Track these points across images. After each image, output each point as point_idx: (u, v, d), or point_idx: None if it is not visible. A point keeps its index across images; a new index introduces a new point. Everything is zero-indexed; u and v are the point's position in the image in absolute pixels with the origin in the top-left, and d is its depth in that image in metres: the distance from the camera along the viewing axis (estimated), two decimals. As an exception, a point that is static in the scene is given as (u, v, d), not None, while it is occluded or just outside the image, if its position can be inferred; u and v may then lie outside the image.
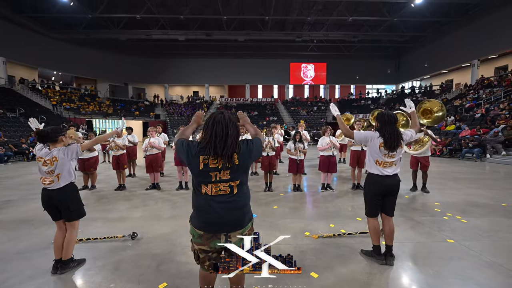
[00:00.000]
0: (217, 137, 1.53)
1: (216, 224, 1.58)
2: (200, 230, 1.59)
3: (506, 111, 12.82)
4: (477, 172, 8.11)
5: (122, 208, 4.63)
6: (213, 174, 1.56)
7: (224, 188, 1.58)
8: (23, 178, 7.71)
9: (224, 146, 1.53)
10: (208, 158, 1.55)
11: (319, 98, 30.59)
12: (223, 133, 1.54)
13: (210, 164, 1.55)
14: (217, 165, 1.55)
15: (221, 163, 1.54)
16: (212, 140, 1.54)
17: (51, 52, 22.46)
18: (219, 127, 1.54)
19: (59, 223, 2.58)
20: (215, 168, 1.55)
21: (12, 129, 15.02)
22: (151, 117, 26.08)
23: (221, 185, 1.57)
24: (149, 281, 2.37)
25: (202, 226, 1.60)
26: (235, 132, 1.58)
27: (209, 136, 1.55)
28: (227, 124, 1.56)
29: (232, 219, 1.60)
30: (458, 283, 2.31)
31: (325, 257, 2.75)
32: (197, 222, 1.61)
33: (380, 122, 2.57)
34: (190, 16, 19.75)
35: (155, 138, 6.00)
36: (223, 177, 1.57)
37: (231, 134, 1.55)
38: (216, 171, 1.55)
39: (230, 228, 1.59)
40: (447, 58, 22.05)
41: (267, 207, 4.58)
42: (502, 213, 4.17)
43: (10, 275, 2.49)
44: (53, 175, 2.47)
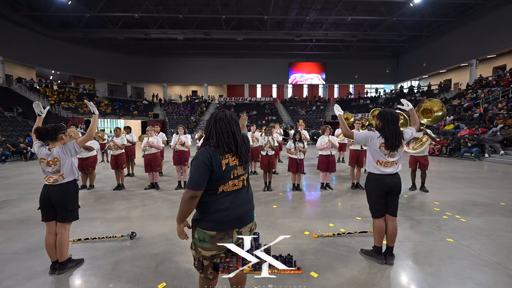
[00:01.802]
0: (224, 133, 1.55)
1: (232, 220, 1.55)
2: (212, 230, 1.52)
3: (504, 110, 12.87)
4: (475, 172, 8.13)
5: (120, 207, 4.60)
6: (231, 172, 1.57)
7: (239, 183, 1.60)
8: (21, 177, 7.67)
9: (235, 142, 1.56)
10: (227, 157, 1.55)
11: (318, 98, 30.61)
12: (229, 130, 1.56)
13: (230, 163, 1.56)
14: (235, 162, 1.57)
15: (237, 160, 1.58)
16: (220, 137, 1.54)
17: (49, 51, 22.36)
18: (223, 124, 1.56)
19: (50, 224, 2.50)
20: (234, 165, 1.57)
21: (10, 128, 14.94)
22: (150, 117, 26.03)
23: (236, 180, 1.59)
24: (148, 281, 2.36)
25: (215, 226, 1.53)
26: (238, 129, 1.63)
27: (216, 134, 1.55)
28: (229, 121, 1.58)
29: (245, 212, 1.61)
30: (457, 282, 2.31)
31: (325, 257, 2.75)
32: (209, 223, 1.53)
33: (383, 121, 2.52)
34: (188, 15, 19.70)
35: (154, 137, 5.98)
36: (239, 172, 1.60)
37: (236, 131, 1.59)
38: (234, 168, 1.58)
39: (243, 221, 1.59)
40: (445, 58, 22.12)
41: (267, 206, 4.58)
42: (500, 212, 4.19)
43: (6, 276, 2.46)
44: (58, 174, 2.46)
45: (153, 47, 27.03)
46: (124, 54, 27.53)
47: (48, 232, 2.50)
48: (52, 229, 2.51)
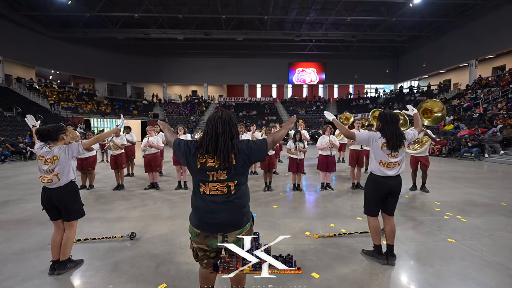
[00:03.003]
0: (208, 135, 1.56)
1: (213, 224, 1.56)
2: (197, 228, 1.59)
3: (504, 110, 12.88)
4: (475, 172, 8.13)
5: (120, 208, 4.58)
6: (210, 173, 1.54)
7: (222, 188, 1.56)
8: (20, 177, 7.64)
9: (216, 145, 1.52)
10: (204, 157, 1.55)
11: (318, 98, 30.61)
12: (213, 132, 1.54)
13: (207, 163, 1.54)
14: (214, 164, 1.54)
15: (218, 162, 1.53)
16: (204, 138, 1.57)
17: (49, 51, 22.34)
18: (210, 126, 1.57)
19: (57, 222, 2.54)
20: (212, 167, 1.54)
21: (9, 128, 14.92)
22: (150, 117, 25.99)
23: (218, 184, 1.55)
24: (148, 281, 2.34)
25: (200, 225, 1.58)
26: (228, 130, 1.55)
27: (204, 134, 1.60)
28: (217, 122, 1.55)
29: (228, 220, 1.57)
30: (459, 282, 2.30)
31: (326, 257, 2.73)
32: (195, 220, 1.60)
33: (382, 122, 2.55)
34: (188, 15, 19.69)
35: (154, 137, 5.96)
36: (220, 177, 1.55)
37: (221, 133, 1.53)
38: (213, 170, 1.54)
39: (227, 228, 1.57)
40: (445, 58, 22.14)
41: (267, 206, 4.56)
42: (501, 212, 4.18)
43: (6, 276, 2.45)
44: (52, 174, 2.43)
45: (153, 47, 27.00)
46: (124, 54, 27.51)
47: (56, 229, 2.54)
48: (60, 226, 2.54)
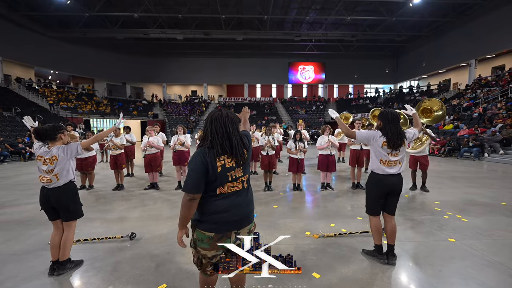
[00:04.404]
0: (218, 134, 1.53)
1: (230, 222, 1.55)
2: (211, 232, 1.53)
3: (504, 110, 12.89)
4: (475, 171, 8.13)
5: (120, 208, 4.58)
6: (229, 174, 1.54)
7: (237, 185, 1.57)
8: (20, 178, 7.63)
9: (231, 143, 1.52)
10: (222, 158, 1.52)
11: (318, 98, 30.61)
12: (223, 131, 1.53)
13: (226, 165, 1.53)
14: (232, 164, 1.54)
15: (234, 161, 1.54)
16: (215, 138, 1.53)
17: (48, 51, 22.30)
18: (218, 124, 1.54)
19: (56, 223, 2.53)
20: (231, 167, 1.54)
21: (8, 128, 14.89)
22: (149, 117, 25.97)
23: (235, 182, 1.56)
24: (148, 282, 2.34)
25: (214, 227, 1.53)
26: (236, 128, 1.58)
27: (211, 134, 1.54)
28: (225, 121, 1.55)
29: (245, 214, 1.60)
30: (460, 282, 2.30)
31: (326, 257, 2.73)
32: (208, 224, 1.54)
33: (383, 121, 2.55)
34: (188, 15, 19.67)
35: (154, 137, 5.95)
36: (237, 174, 1.57)
37: (231, 131, 1.54)
38: (232, 170, 1.55)
39: (243, 223, 1.58)
40: (444, 58, 22.14)
41: (267, 206, 4.56)
42: (501, 212, 4.18)
43: (5, 277, 2.44)
44: (52, 174, 2.41)
45: (152, 47, 26.97)
46: (123, 54, 27.47)
47: (55, 229, 2.53)
48: (59, 226, 2.52)
